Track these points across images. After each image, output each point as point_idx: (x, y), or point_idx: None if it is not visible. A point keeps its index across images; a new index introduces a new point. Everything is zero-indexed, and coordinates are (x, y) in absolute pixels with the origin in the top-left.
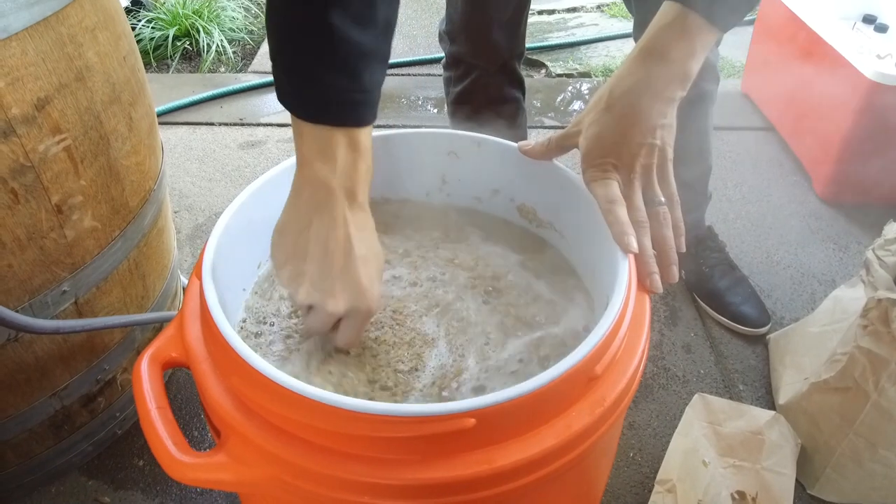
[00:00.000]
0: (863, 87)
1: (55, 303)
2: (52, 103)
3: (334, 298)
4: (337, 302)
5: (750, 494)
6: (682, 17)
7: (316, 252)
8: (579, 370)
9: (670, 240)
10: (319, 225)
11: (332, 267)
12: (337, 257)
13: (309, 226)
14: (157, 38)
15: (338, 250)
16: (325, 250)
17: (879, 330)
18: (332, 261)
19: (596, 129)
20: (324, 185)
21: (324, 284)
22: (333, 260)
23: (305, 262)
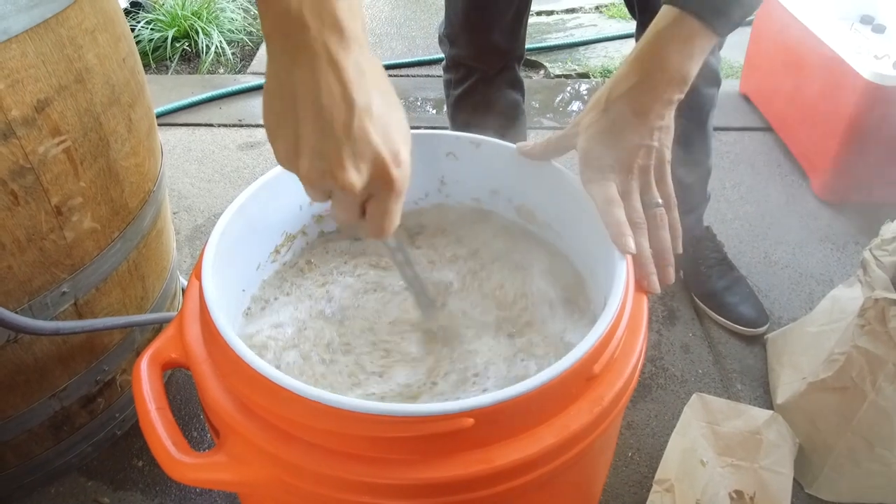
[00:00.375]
0: (860, 87)
1: (55, 304)
2: (51, 105)
3: (344, 170)
4: (348, 174)
5: (748, 494)
6: (679, 20)
7: (307, 112)
8: (577, 370)
9: (667, 241)
10: (301, 73)
11: (333, 128)
12: (335, 114)
13: (291, 80)
14: (156, 40)
15: (335, 105)
16: (319, 107)
17: (877, 329)
18: (331, 120)
19: (594, 130)
20: (294, 20)
21: (326, 151)
22: (332, 118)
23: (297, 127)
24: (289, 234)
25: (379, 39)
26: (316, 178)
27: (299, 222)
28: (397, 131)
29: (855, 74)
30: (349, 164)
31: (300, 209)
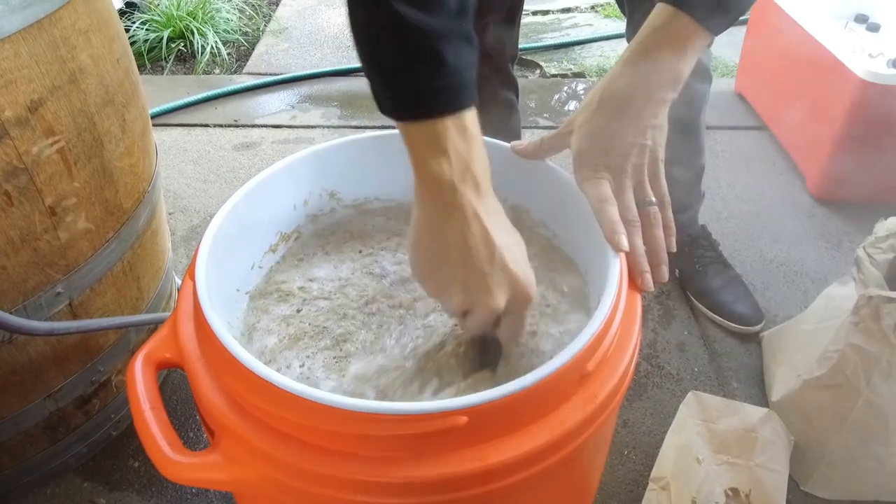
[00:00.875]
0: (855, 85)
1: (49, 304)
2: (45, 105)
3: (491, 296)
4: (495, 299)
5: (743, 491)
6: (673, 19)
7: (457, 255)
8: (571, 367)
9: (661, 239)
10: (452, 225)
11: (480, 265)
12: (481, 253)
13: (442, 230)
14: (151, 40)
15: (480, 246)
16: (467, 250)
17: (870, 327)
18: (478, 258)
19: (587, 129)
20: (444, 181)
21: (476, 285)
22: (479, 257)
23: (449, 268)
24: (283, 233)
25: None
26: (467, 306)
27: (294, 222)
28: (523, 258)
29: (849, 73)
30: (495, 292)
31: (294, 208)
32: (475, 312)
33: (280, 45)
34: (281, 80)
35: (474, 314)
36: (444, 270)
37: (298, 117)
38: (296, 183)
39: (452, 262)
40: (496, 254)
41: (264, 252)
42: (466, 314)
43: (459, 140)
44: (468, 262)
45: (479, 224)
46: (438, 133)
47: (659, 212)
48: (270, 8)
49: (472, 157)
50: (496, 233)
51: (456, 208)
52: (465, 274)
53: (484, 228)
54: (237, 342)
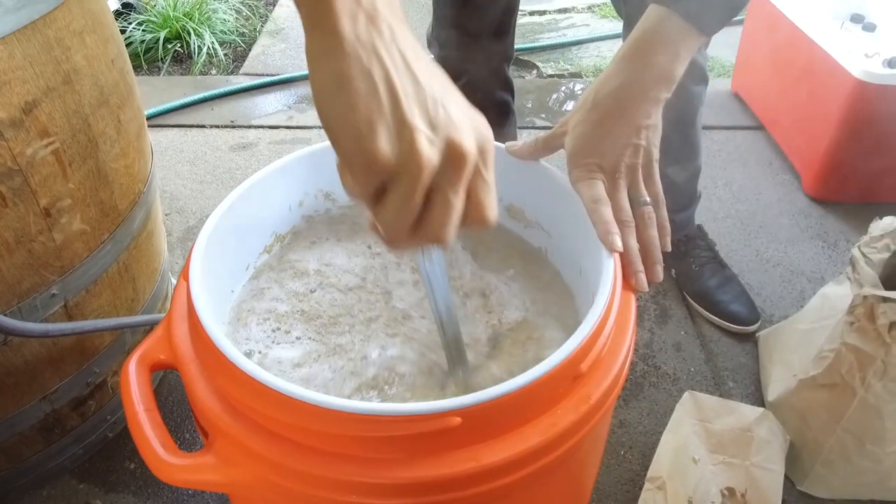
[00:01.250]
0: (851, 85)
1: (44, 306)
2: (39, 107)
3: (462, 133)
4: (466, 138)
5: (739, 491)
6: (665, 20)
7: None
8: (564, 368)
9: (655, 239)
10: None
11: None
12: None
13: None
14: (147, 41)
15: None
16: (415, 78)
17: (865, 326)
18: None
19: (581, 129)
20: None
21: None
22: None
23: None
24: (278, 234)
25: None
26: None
27: (289, 223)
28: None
29: (845, 73)
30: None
31: (289, 210)
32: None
33: (277, 45)
34: (278, 80)
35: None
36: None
37: (295, 118)
38: (291, 184)
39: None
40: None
41: (259, 253)
42: (430, 197)
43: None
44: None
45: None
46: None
47: (653, 211)
48: (267, 9)
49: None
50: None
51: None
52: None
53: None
54: (230, 343)
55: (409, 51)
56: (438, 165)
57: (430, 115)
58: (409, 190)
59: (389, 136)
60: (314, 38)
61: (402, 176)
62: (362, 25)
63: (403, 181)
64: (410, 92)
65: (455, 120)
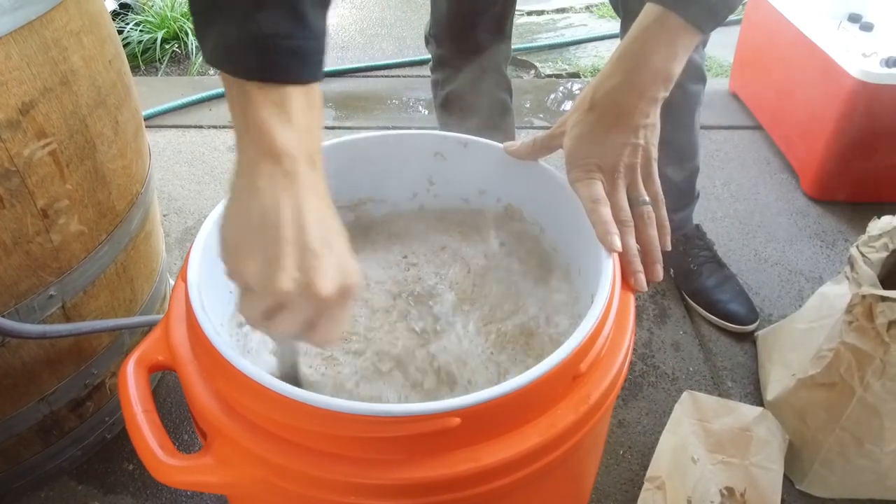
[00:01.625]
0: (848, 85)
1: (42, 307)
2: (36, 107)
3: (322, 279)
4: (325, 283)
5: (738, 490)
6: (663, 18)
7: (292, 231)
8: (563, 368)
9: (654, 239)
10: (289, 200)
11: (313, 243)
12: (316, 232)
13: (277, 205)
14: (145, 41)
15: (315, 224)
16: (302, 227)
17: (864, 326)
18: (312, 237)
19: (580, 129)
20: (287, 154)
21: (306, 265)
22: (313, 235)
23: (280, 246)
24: None
25: (370, 40)
26: (291, 288)
27: None
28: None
29: (843, 72)
30: (328, 275)
31: None
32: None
33: None
34: None
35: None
36: (273, 247)
37: None
38: None
39: (284, 239)
40: (333, 236)
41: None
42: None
43: (306, 110)
44: (300, 241)
45: (316, 203)
46: (290, 101)
47: (653, 211)
48: None
49: (315, 131)
50: (333, 216)
51: (295, 183)
52: (298, 252)
53: (321, 208)
54: (228, 344)
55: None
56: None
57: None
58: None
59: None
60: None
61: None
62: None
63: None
64: (293, 238)
65: (320, 268)
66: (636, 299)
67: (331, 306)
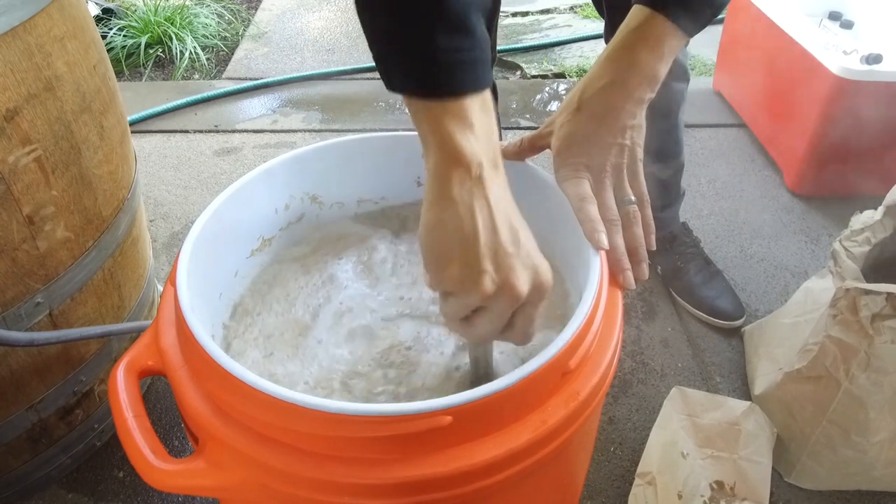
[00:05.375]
0: (830, 82)
1: (29, 315)
2: (21, 114)
3: (517, 278)
4: (520, 282)
5: (728, 484)
6: (649, 20)
7: (488, 235)
8: (553, 365)
9: (640, 238)
10: (481, 205)
11: (506, 245)
12: (507, 233)
13: (471, 211)
14: (129, 46)
15: (505, 226)
16: (493, 229)
17: (848, 319)
18: (504, 239)
19: (567, 129)
20: (472, 159)
21: (504, 267)
22: (504, 237)
23: (478, 250)
24: (265, 238)
25: (355, 43)
26: (491, 289)
27: (275, 226)
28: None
29: (824, 70)
30: (521, 274)
31: (275, 213)
32: (497, 301)
33: (260, 49)
34: (261, 84)
35: (495, 304)
36: (470, 252)
37: (279, 122)
38: (276, 187)
39: (482, 243)
40: (520, 235)
41: (246, 257)
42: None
43: (483, 116)
44: (496, 242)
45: (504, 204)
46: (468, 110)
47: (638, 210)
48: (249, 12)
49: (494, 134)
50: (517, 215)
51: (484, 186)
52: (494, 254)
53: (508, 209)
54: (219, 348)
55: (497, 208)
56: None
57: (498, 262)
58: (461, 306)
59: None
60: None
61: (460, 297)
62: (466, 190)
63: (460, 300)
64: (489, 242)
65: (515, 269)
66: (624, 297)
67: (526, 304)
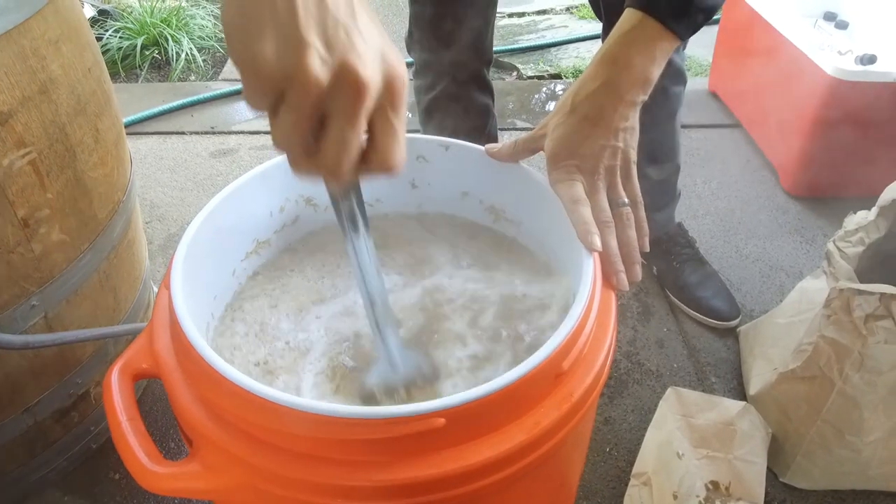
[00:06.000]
0: (824, 82)
1: (24, 318)
2: (15, 117)
3: (359, 56)
4: (363, 61)
5: (723, 484)
6: (642, 24)
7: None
8: (546, 367)
9: (633, 240)
10: None
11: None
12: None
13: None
14: (125, 48)
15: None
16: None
17: (842, 319)
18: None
19: (560, 131)
20: None
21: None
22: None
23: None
24: (260, 240)
25: None
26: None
27: (270, 229)
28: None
29: (819, 70)
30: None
31: (271, 215)
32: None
33: None
34: None
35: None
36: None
37: None
38: (272, 190)
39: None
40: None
41: (241, 259)
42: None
43: None
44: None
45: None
46: None
47: (632, 212)
48: None
49: None
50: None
51: None
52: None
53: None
54: (213, 351)
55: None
56: (329, 89)
57: (329, 35)
58: (295, 107)
59: (277, 45)
60: None
61: (288, 91)
62: None
63: (290, 96)
64: (311, 8)
65: (357, 46)
66: (619, 298)
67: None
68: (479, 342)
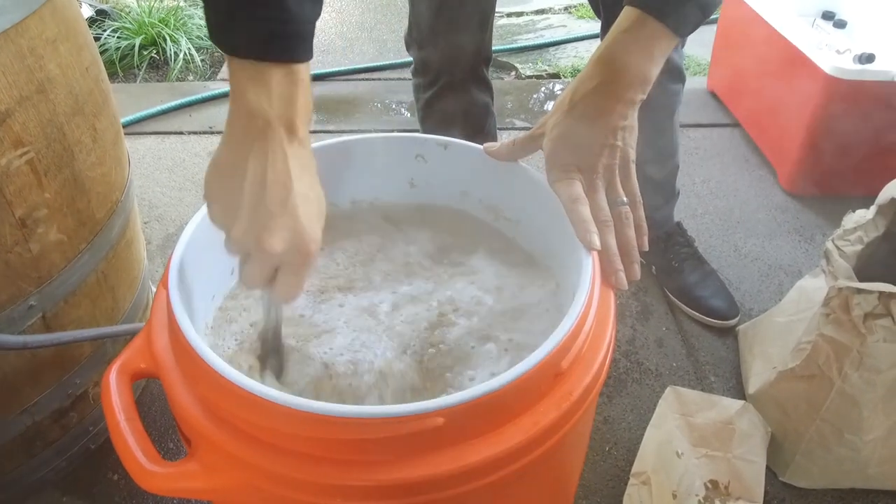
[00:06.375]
0: (823, 82)
1: (22, 318)
2: (13, 116)
3: (270, 236)
4: (272, 240)
5: (722, 483)
6: (640, 22)
7: (252, 186)
8: (545, 366)
9: (632, 239)
10: (256, 158)
11: (270, 202)
12: (275, 192)
13: (245, 159)
14: (123, 48)
15: (276, 184)
16: (263, 184)
17: (841, 318)
18: (270, 196)
19: (559, 130)
20: (259, 114)
21: (260, 221)
22: (271, 195)
23: (241, 197)
24: None
25: (350, 44)
26: (245, 238)
27: None
28: (318, 212)
29: (817, 69)
30: (275, 234)
31: None
32: (253, 254)
33: None
34: None
35: (251, 258)
36: (233, 197)
37: None
38: None
39: (245, 192)
40: (290, 198)
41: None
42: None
43: (285, 84)
44: (259, 196)
45: (283, 164)
46: (265, 74)
47: (630, 211)
48: None
49: (294, 102)
50: (298, 181)
51: (264, 141)
52: (252, 206)
53: (287, 170)
54: (211, 350)
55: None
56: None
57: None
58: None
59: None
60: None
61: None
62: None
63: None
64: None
65: (272, 227)
66: (618, 297)
67: (285, 264)
68: (478, 342)
